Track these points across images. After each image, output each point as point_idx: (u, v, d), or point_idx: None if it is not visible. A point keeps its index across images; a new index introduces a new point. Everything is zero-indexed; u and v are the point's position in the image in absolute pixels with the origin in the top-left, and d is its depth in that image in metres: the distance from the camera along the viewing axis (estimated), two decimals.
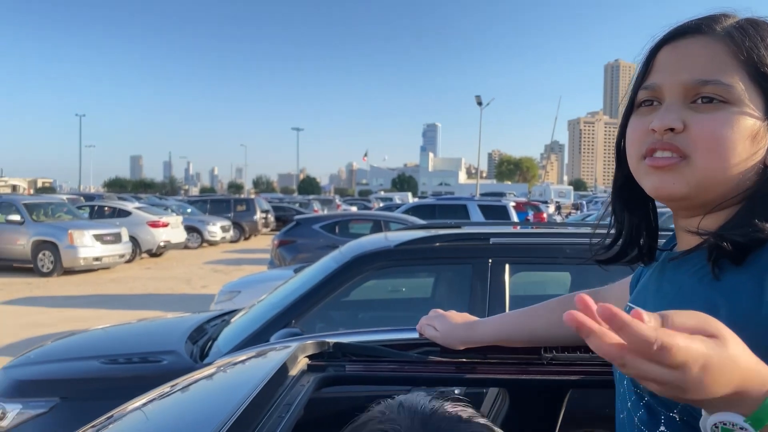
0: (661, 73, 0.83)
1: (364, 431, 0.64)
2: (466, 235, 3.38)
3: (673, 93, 0.81)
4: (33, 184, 52.55)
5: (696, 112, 0.79)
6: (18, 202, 14.36)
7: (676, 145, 0.79)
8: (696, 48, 0.80)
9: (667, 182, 0.80)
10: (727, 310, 0.72)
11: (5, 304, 9.92)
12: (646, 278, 0.95)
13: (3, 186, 36.06)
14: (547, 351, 1.26)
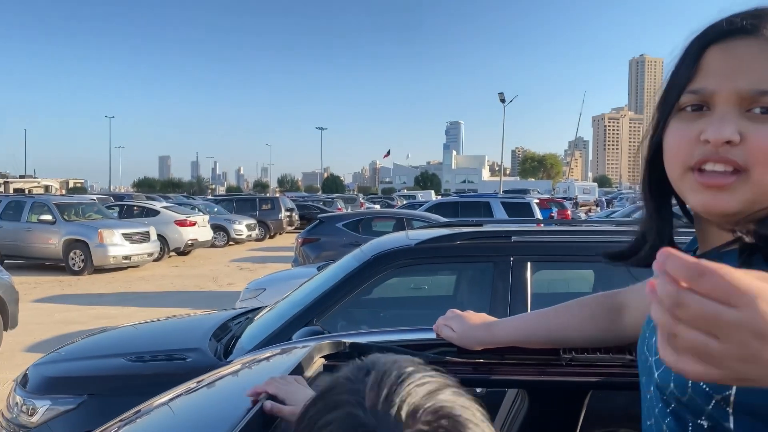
0: (712, 78, 0.76)
1: (328, 399, 0.62)
2: (487, 233, 3.37)
3: (726, 101, 0.75)
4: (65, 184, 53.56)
5: (753, 122, 0.73)
6: (50, 202, 14.66)
7: (732, 159, 0.74)
8: (752, 53, 0.74)
9: (720, 200, 0.75)
10: None
11: (38, 302, 10.14)
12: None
13: (36, 186, 36.80)
14: (566, 352, 1.24)
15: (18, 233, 14.19)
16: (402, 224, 10.33)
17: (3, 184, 34.83)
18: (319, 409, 0.61)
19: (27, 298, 10.02)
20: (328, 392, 0.63)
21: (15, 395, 3.12)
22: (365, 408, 0.58)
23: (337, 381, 0.63)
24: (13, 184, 35.70)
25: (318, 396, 0.64)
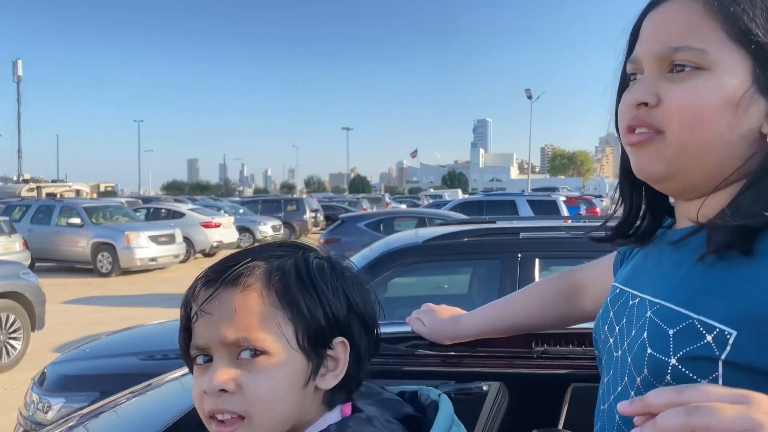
0: (641, 43, 0.77)
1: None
2: (495, 230, 3.35)
3: (649, 64, 0.75)
4: (96, 188, 54.56)
5: (670, 82, 0.72)
6: (78, 205, 14.98)
7: (649, 121, 0.73)
8: (671, 12, 0.73)
9: (645, 160, 0.75)
10: (741, 299, 0.65)
11: (68, 304, 10.36)
12: (640, 257, 0.88)
13: (67, 191, 37.55)
14: (539, 345, 1.24)
15: (48, 236, 14.52)
16: (424, 223, 10.31)
17: (36, 189, 35.67)
18: None
19: (57, 299, 10.25)
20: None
21: (32, 393, 3.20)
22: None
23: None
24: (46, 188, 36.52)
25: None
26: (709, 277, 0.70)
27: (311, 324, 0.74)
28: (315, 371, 0.75)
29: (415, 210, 14.08)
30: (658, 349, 0.71)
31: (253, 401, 0.71)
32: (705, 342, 0.66)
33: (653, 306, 0.75)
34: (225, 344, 0.72)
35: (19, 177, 54.99)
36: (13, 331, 6.52)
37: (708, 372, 0.66)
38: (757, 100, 0.70)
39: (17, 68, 62.02)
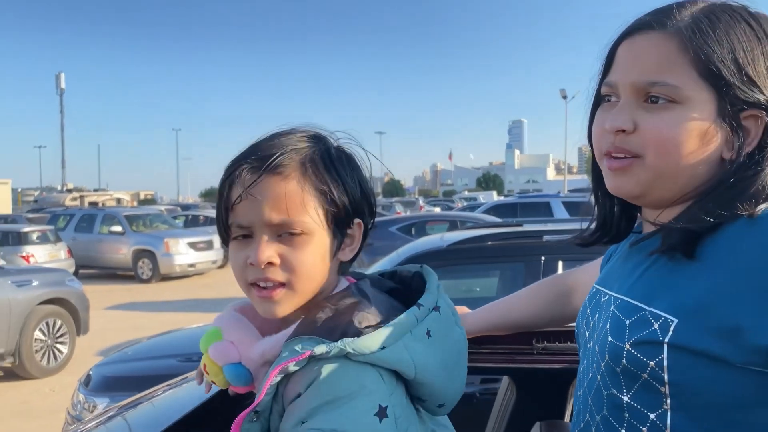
0: (617, 70, 0.84)
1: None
2: (519, 234, 3.41)
3: (626, 92, 0.81)
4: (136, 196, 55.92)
5: (647, 112, 0.80)
6: (119, 214, 15.43)
7: (627, 147, 0.81)
8: (647, 46, 0.80)
9: (623, 183, 0.83)
10: (683, 293, 0.75)
11: (110, 310, 10.70)
12: (614, 260, 0.99)
13: (109, 199, 38.62)
14: (539, 341, 1.32)
15: (91, 244, 15.00)
16: (456, 227, 10.33)
17: (79, 198, 36.73)
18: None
19: (100, 305, 10.59)
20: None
21: (78, 394, 3.38)
22: None
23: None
24: (88, 197, 37.59)
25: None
26: (660, 275, 0.81)
27: (338, 208, 0.87)
28: (339, 246, 0.88)
29: (447, 213, 14.10)
30: (616, 337, 0.81)
31: (294, 271, 0.84)
32: (652, 329, 0.76)
33: (616, 301, 0.86)
34: (269, 225, 0.83)
35: (63, 186, 56.71)
36: (59, 336, 6.80)
37: (655, 354, 0.76)
38: (719, 129, 0.79)
39: (60, 81, 63.93)
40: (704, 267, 0.75)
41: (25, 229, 13.42)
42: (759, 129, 0.79)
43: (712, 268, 0.74)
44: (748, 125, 0.79)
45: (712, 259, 0.75)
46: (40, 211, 24.17)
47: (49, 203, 36.72)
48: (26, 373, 6.44)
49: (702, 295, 0.73)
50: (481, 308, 1.33)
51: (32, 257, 12.56)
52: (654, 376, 0.76)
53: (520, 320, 1.30)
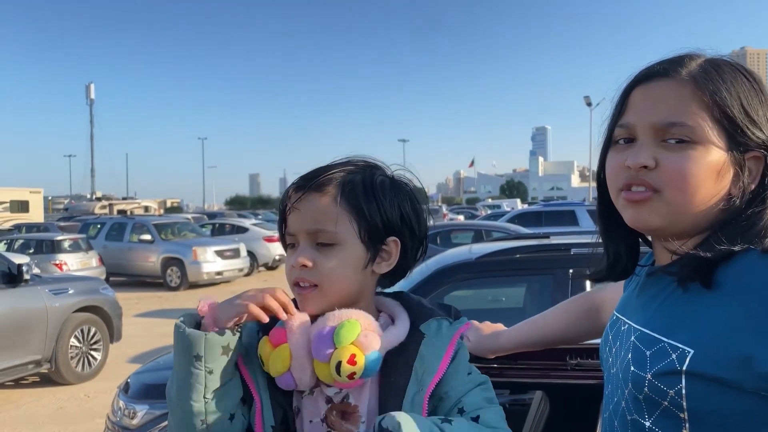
0: (634, 113, 0.91)
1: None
2: (547, 246, 3.44)
3: (645, 132, 0.89)
4: (163, 204, 56.64)
5: (666, 150, 0.87)
6: (149, 222, 15.71)
7: (648, 181, 0.88)
8: (664, 91, 0.89)
9: (643, 215, 0.89)
10: (698, 324, 0.82)
11: (140, 317, 10.90)
12: (628, 291, 1.06)
13: (137, 207, 39.20)
14: (572, 357, 1.37)
15: (121, 252, 15.29)
16: (481, 236, 10.37)
17: (108, 206, 37.36)
18: None
19: (130, 312, 10.78)
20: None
21: (118, 400, 3.49)
22: None
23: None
24: (117, 205, 38.20)
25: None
26: (676, 308, 0.88)
27: (370, 224, 0.98)
28: (372, 259, 1.00)
29: (472, 222, 14.11)
30: (638, 367, 0.88)
31: (323, 274, 0.96)
32: (670, 359, 0.83)
33: (636, 332, 0.93)
34: (308, 233, 0.97)
35: (92, 195, 57.69)
36: (93, 343, 6.96)
37: (674, 384, 0.82)
38: (729, 168, 0.88)
39: (90, 92, 65.20)
40: (718, 298, 0.82)
41: (58, 237, 13.73)
42: (759, 168, 0.89)
43: (726, 299, 0.81)
44: (750, 165, 0.89)
45: (725, 290, 0.82)
46: (71, 219, 24.66)
47: (79, 211, 37.43)
48: (62, 379, 6.61)
49: (717, 326, 0.80)
50: (515, 326, 1.40)
51: (65, 265, 12.84)
52: (674, 403, 0.83)
53: (552, 336, 1.36)
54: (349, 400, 0.96)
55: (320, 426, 0.96)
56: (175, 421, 0.94)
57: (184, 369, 0.91)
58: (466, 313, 3.53)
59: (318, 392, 0.97)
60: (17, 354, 6.09)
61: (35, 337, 6.23)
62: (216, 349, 0.91)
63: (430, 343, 0.98)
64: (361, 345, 0.91)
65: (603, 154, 0.98)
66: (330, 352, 0.91)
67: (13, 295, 6.13)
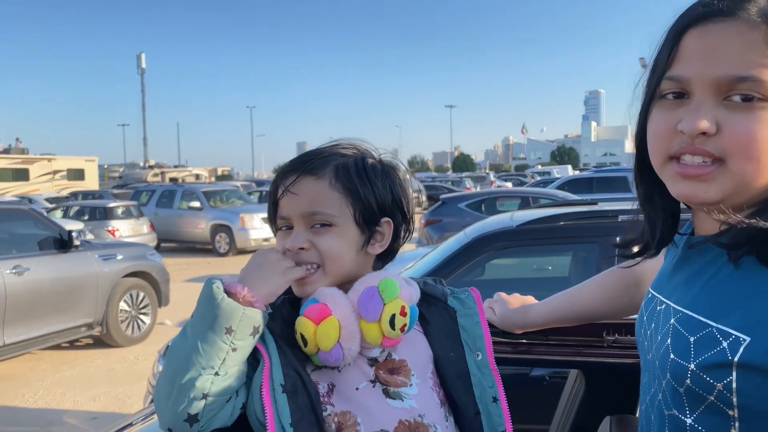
0: (689, 63, 0.74)
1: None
2: (593, 213, 3.29)
3: (704, 89, 0.72)
4: (213, 172, 57.73)
5: (730, 111, 0.71)
6: (198, 190, 16.00)
7: (709, 150, 0.72)
8: (729, 36, 0.71)
9: (699, 190, 0.74)
10: (755, 308, 0.68)
11: (190, 281, 11.15)
12: (668, 260, 0.91)
13: (188, 175, 40.07)
14: (609, 334, 1.26)
15: (171, 219, 15.65)
16: (528, 203, 10.13)
17: (160, 174, 38.32)
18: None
19: (180, 278, 11.06)
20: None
21: (158, 365, 3.55)
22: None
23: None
24: (169, 173, 39.13)
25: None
26: (726, 287, 0.73)
27: (365, 206, 0.99)
28: (367, 241, 1.01)
29: (519, 189, 13.84)
30: (680, 356, 0.74)
31: (323, 254, 0.97)
32: (721, 348, 0.69)
33: (676, 314, 0.79)
34: (303, 216, 0.98)
35: (145, 163, 59.22)
36: (142, 307, 7.15)
37: (724, 376, 0.69)
38: None
39: (141, 61, 66.46)
40: None
41: (110, 204, 14.15)
42: None
43: None
44: None
45: None
46: (124, 187, 25.37)
47: (132, 179, 38.52)
48: (113, 342, 6.82)
49: None
50: (546, 300, 1.29)
51: (117, 231, 13.24)
52: (722, 398, 0.70)
53: (587, 312, 1.24)
54: (393, 356, 0.99)
55: (371, 388, 0.96)
56: (167, 386, 0.88)
57: (206, 338, 0.86)
58: (506, 282, 3.44)
59: (357, 359, 0.97)
60: (70, 317, 6.31)
61: (87, 301, 6.43)
62: (248, 328, 0.88)
63: (465, 315, 1.07)
64: (405, 297, 0.96)
65: (645, 109, 0.81)
66: (380, 309, 0.93)
67: (65, 260, 6.31)
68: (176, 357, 0.88)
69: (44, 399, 5.42)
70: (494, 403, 1.02)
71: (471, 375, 1.02)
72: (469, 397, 1.01)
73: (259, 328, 0.89)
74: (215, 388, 0.86)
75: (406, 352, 1.00)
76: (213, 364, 0.85)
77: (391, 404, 0.95)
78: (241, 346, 0.87)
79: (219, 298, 0.87)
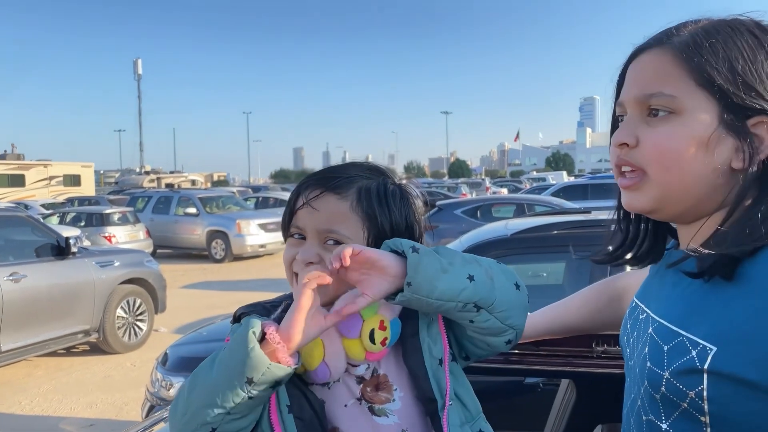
0: (626, 88, 0.85)
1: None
2: (587, 222, 3.33)
3: (632, 107, 0.83)
4: (209, 177, 57.72)
5: (649, 126, 0.80)
6: (194, 196, 16.00)
7: (630, 160, 0.82)
8: (649, 62, 0.82)
9: (633, 199, 0.84)
10: (721, 319, 0.73)
11: (185, 288, 11.17)
12: (650, 276, 0.96)
13: (184, 181, 40.09)
14: (599, 344, 1.30)
15: (167, 225, 15.65)
16: (523, 210, 10.19)
17: (156, 180, 38.29)
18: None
19: (176, 284, 11.07)
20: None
21: (156, 372, 3.57)
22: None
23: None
24: (165, 179, 39.11)
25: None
26: (697, 298, 0.78)
27: (379, 231, 1.01)
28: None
29: (514, 196, 13.90)
30: (655, 364, 0.79)
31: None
32: (690, 356, 0.74)
33: (654, 323, 0.84)
34: (319, 231, 1.00)
35: (141, 168, 59.20)
36: (139, 314, 7.16)
37: (695, 384, 0.73)
38: (724, 138, 0.77)
39: (137, 67, 66.47)
40: (743, 291, 0.72)
41: (107, 210, 14.14)
42: None
43: (753, 292, 0.71)
44: (760, 132, 0.77)
45: (752, 283, 0.72)
46: (121, 193, 25.37)
47: (128, 185, 38.50)
48: (110, 348, 6.83)
49: (743, 321, 0.70)
50: (536, 312, 1.33)
51: (114, 237, 13.24)
52: (694, 405, 0.74)
53: (573, 325, 1.29)
54: (378, 372, 1.00)
55: (358, 405, 0.98)
56: (183, 406, 0.91)
57: (227, 380, 0.87)
58: None
59: (345, 377, 0.99)
60: (67, 323, 6.33)
61: (83, 308, 6.45)
62: (269, 382, 0.87)
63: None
64: (386, 311, 0.98)
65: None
66: (360, 326, 0.95)
67: (62, 267, 6.34)
68: (197, 384, 0.91)
69: (41, 406, 5.43)
70: (440, 366, 1.00)
71: (421, 340, 1.00)
72: (422, 370, 1.00)
73: (280, 382, 0.89)
74: (225, 425, 0.89)
75: (386, 365, 1.01)
76: (226, 405, 0.87)
77: (377, 421, 0.97)
78: (257, 396, 0.88)
79: (251, 347, 0.87)
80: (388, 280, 0.91)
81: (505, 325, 0.98)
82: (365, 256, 0.90)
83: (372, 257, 0.90)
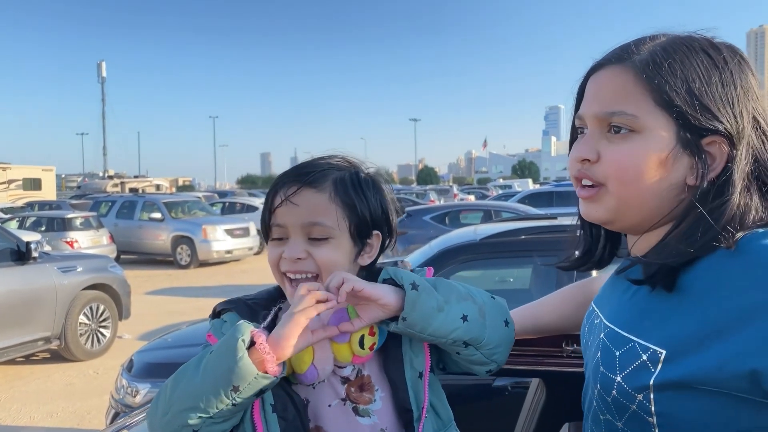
0: (585, 103, 0.88)
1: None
2: (553, 228, 3.39)
3: (592, 123, 0.86)
4: (174, 182, 56.85)
5: (610, 142, 0.84)
6: (159, 201, 15.75)
7: (590, 174, 0.86)
8: (608, 78, 0.85)
9: (591, 209, 0.88)
10: (669, 325, 0.77)
11: (150, 294, 10.97)
12: (607, 282, 1.01)
13: (148, 185, 39.43)
14: (569, 344, 1.33)
15: (131, 230, 15.37)
16: (490, 216, 10.31)
17: (120, 184, 37.61)
18: None
19: (140, 290, 10.86)
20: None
21: (122, 378, 3.51)
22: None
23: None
24: (129, 183, 38.43)
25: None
26: (645, 304, 0.83)
27: (360, 219, 1.03)
28: (358, 253, 1.05)
29: (481, 203, 14.04)
30: (607, 368, 0.84)
31: (321, 265, 1.00)
32: (642, 361, 0.78)
33: (606, 329, 0.88)
34: (302, 226, 1.00)
35: (104, 173, 58.07)
36: (102, 320, 7.01)
37: (644, 387, 0.78)
38: (681, 156, 0.81)
39: (101, 70, 65.27)
40: (688, 299, 0.77)
41: (69, 215, 13.82)
42: (723, 155, 0.81)
43: (698, 300, 0.75)
44: (713, 151, 0.81)
45: (695, 291, 0.76)
46: (83, 197, 24.83)
47: (91, 189, 37.74)
48: (71, 356, 6.67)
49: (690, 327, 0.75)
50: (511, 312, 1.35)
51: (76, 243, 12.94)
52: (641, 407, 0.78)
53: (548, 325, 1.31)
54: (363, 373, 1.02)
55: (341, 406, 1.00)
56: (165, 406, 0.91)
57: (212, 386, 0.88)
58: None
59: (330, 378, 1.01)
60: (27, 330, 6.15)
61: (44, 314, 6.28)
62: (254, 390, 0.89)
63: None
64: (371, 321, 0.98)
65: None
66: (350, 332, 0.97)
67: (22, 272, 6.17)
68: (181, 384, 0.91)
69: None
70: (419, 378, 1.02)
71: (403, 352, 1.02)
72: (401, 381, 1.02)
73: (265, 390, 0.91)
74: (206, 428, 0.90)
75: (370, 367, 1.03)
76: (209, 410, 0.88)
77: (359, 422, 1.00)
78: (241, 403, 0.89)
79: (239, 355, 0.87)
80: (385, 311, 0.95)
81: (490, 360, 1.03)
82: (368, 293, 0.93)
83: (374, 295, 0.94)
